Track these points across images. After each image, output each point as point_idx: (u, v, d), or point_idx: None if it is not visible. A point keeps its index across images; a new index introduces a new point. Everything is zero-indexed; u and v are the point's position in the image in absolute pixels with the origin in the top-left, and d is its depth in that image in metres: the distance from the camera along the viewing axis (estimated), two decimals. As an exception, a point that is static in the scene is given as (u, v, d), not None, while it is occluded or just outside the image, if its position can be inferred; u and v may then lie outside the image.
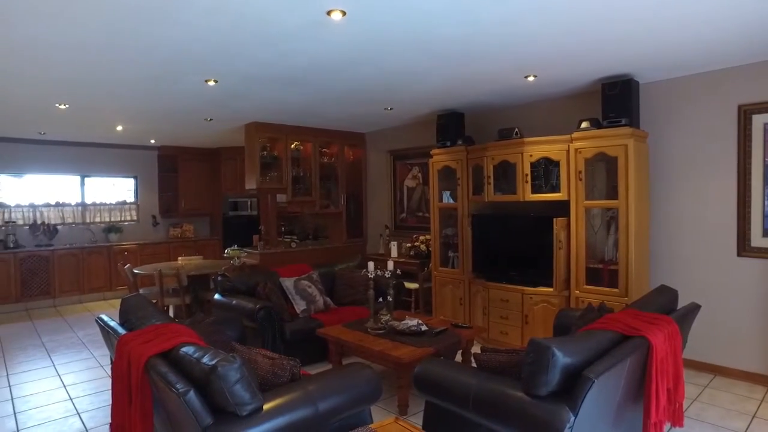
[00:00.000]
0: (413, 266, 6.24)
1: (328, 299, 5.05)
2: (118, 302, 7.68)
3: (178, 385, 2.07)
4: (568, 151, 4.59)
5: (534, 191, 4.83)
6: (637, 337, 2.50)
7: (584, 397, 2.08)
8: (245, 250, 6.67)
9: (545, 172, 4.82)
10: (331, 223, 7.65)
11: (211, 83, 4.39)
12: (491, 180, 5.15)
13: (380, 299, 4.25)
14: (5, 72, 3.95)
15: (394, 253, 6.62)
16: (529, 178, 4.82)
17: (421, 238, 6.50)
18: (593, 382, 2.07)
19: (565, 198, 4.63)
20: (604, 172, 4.64)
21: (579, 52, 3.71)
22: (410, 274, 6.18)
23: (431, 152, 5.94)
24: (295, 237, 7.29)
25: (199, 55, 3.65)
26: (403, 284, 6.16)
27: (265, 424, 2.12)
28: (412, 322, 3.94)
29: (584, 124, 4.54)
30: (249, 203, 9.39)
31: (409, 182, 7.16)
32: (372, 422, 2.64)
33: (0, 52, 3.45)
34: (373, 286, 4.26)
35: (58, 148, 8.19)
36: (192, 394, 2.02)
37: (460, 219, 5.58)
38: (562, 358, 2.16)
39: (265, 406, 2.17)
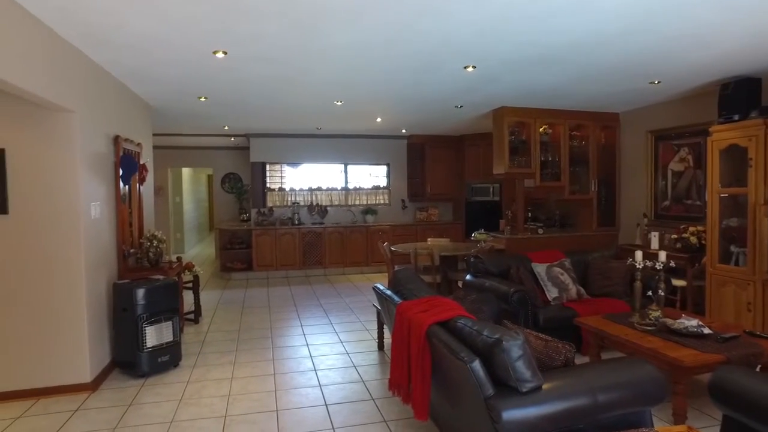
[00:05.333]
0: (680, 261, 5.45)
1: (581, 288, 4.78)
2: (374, 276, 8.85)
3: (462, 354, 2.19)
4: None
5: None
6: None
7: None
8: (491, 234, 6.77)
9: None
10: (579, 209, 7.20)
11: (470, 69, 4.52)
12: (801, 159, 4.15)
13: (648, 293, 3.83)
14: (309, 76, 4.74)
15: (654, 244, 5.90)
16: None
17: (691, 228, 5.63)
18: None
19: None
20: None
21: None
22: (675, 269, 5.41)
23: (710, 129, 5.06)
24: (541, 224, 7.09)
25: (462, 43, 3.78)
26: (670, 280, 5.45)
27: (544, 404, 2.11)
28: (690, 322, 3.45)
29: None
30: (491, 189, 9.50)
31: (674, 165, 6.27)
32: (653, 426, 2.41)
33: (304, 62, 4.17)
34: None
35: (327, 141, 9.64)
36: (477, 364, 2.13)
37: (750, 208, 4.65)
38: None
39: (544, 387, 2.16)
